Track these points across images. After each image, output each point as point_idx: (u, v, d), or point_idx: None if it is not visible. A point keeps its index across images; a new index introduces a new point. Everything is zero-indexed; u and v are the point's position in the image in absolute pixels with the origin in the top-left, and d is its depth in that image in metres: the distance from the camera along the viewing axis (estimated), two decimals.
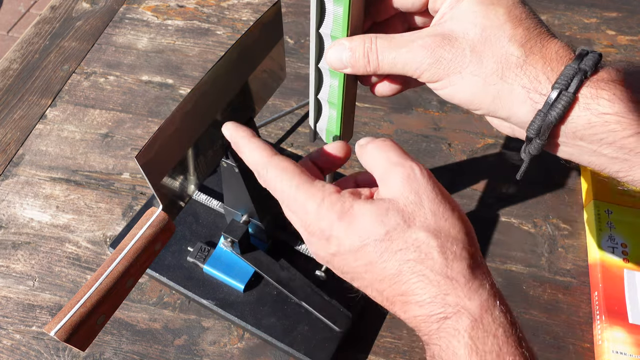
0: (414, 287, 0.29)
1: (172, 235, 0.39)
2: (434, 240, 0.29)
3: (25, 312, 0.56)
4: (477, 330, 0.28)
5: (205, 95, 0.37)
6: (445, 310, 0.29)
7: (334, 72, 0.35)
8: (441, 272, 0.29)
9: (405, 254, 0.29)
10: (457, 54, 0.30)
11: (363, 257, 0.30)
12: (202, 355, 0.53)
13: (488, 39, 0.30)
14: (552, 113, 0.29)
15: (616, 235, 0.58)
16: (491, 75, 0.30)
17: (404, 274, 0.29)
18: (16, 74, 0.77)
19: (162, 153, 0.36)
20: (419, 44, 0.31)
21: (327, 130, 0.37)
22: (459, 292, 0.29)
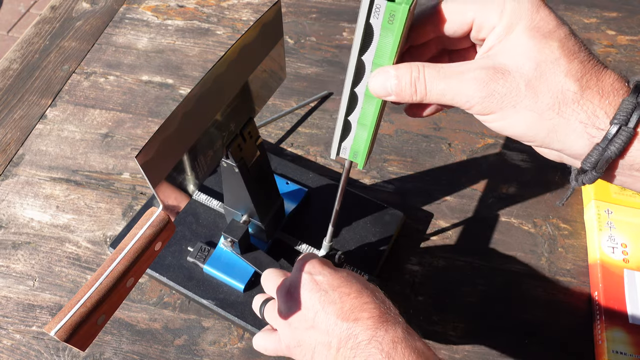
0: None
1: (172, 235, 0.39)
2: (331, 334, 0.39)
3: (25, 312, 0.56)
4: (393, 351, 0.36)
5: (205, 95, 0.37)
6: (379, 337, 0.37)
7: (370, 97, 0.35)
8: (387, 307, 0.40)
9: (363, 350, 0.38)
10: (511, 89, 0.30)
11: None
12: (202, 355, 0.53)
13: (543, 74, 0.29)
14: (611, 148, 0.29)
15: (616, 235, 0.58)
16: (547, 110, 0.29)
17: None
18: (16, 74, 0.77)
19: (162, 153, 0.35)
20: (471, 77, 0.30)
21: (352, 148, 0.38)
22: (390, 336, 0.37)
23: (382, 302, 0.39)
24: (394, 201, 0.63)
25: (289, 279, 0.44)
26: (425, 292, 0.57)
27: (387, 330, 0.37)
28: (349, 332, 0.38)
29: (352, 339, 0.38)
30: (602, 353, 0.51)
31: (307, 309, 0.41)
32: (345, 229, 0.59)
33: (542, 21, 0.30)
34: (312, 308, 0.40)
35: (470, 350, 0.53)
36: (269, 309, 0.46)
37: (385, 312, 0.38)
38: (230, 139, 0.44)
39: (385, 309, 0.39)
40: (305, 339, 0.41)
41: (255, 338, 0.46)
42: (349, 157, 0.38)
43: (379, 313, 0.38)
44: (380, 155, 0.68)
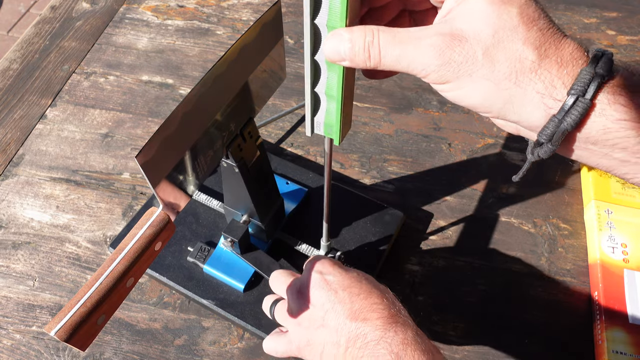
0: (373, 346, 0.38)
1: (172, 235, 0.39)
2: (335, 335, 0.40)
3: (25, 312, 0.55)
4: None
5: (205, 95, 0.37)
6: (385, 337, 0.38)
7: (331, 65, 0.33)
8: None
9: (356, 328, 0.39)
10: (468, 57, 0.29)
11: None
12: (202, 355, 0.53)
13: (501, 42, 0.28)
14: (567, 120, 0.28)
15: (616, 235, 0.58)
16: (504, 79, 0.28)
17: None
18: (16, 74, 0.77)
19: (162, 153, 0.36)
20: (427, 43, 0.29)
21: (326, 123, 0.36)
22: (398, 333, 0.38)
23: (392, 304, 0.39)
24: (394, 201, 0.63)
25: (299, 279, 0.44)
26: (425, 292, 0.57)
27: (397, 331, 0.37)
28: (357, 331, 0.38)
29: (361, 338, 0.37)
30: (602, 353, 0.51)
31: (317, 307, 0.40)
32: (345, 229, 0.59)
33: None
34: (322, 307, 0.40)
35: (470, 350, 0.53)
36: (279, 309, 0.45)
37: (395, 313, 0.38)
38: (230, 139, 0.44)
39: (395, 310, 0.39)
40: (314, 338, 0.41)
41: (265, 341, 0.46)
42: (324, 132, 0.37)
43: (388, 314, 0.38)
44: (380, 155, 0.68)
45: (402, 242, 0.60)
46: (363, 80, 0.75)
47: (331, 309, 0.40)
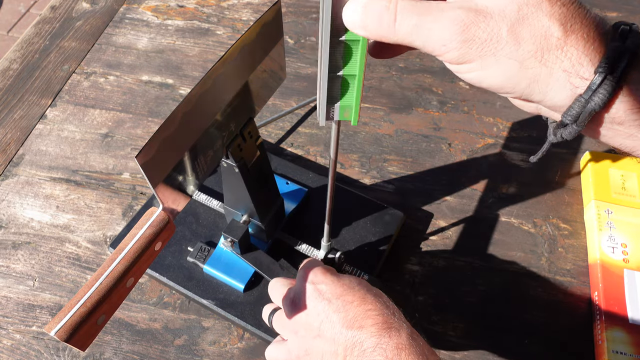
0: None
1: (172, 235, 0.39)
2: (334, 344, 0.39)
3: (25, 312, 0.55)
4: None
5: (205, 95, 0.37)
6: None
7: (353, 42, 0.32)
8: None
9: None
10: (492, 34, 0.27)
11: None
12: (202, 355, 0.53)
13: (526, 18, 0.26)
14: (594, 99, 0.26)
15: (616, 235, 0.58)
16: (529, 58, 0.27)
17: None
18: (16, 74, 0.77)
19: (162, 153, 0.36)
20: (449, 16, 0.27)
21: (342, 106, 0.35)
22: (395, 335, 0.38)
23: (385, 307, 0.39)
24: (394, 201, 0.63)
25: (293, 289, 0.44)
26: (425, 292, 0.57)
27: (391, 336, 0.37)
28: (354, 339, 0.38)
29: (358, 346, 0.37)
30: (602, 353, 0.51)
31: (312, 318, 0.41)
32: (345, 229, 0.59)
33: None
34: (317, 317, 0.40)
35: (470, 350, 0.53)
36: (277, 318, 0.46)
37: (389, 317, 0.38)
38: (230, 139, 0.44)
39: (389, 314, 0.39)
40: (312, 347, 0.41)
41: (267, 349, 0.46)
42: (339, 117, 0.36)
43: (382, 319, 0.38)
44: (380, 155, 0.68)
45: (402, 242, 0.60)
46: (363, 80, 0.75)
47: (326, 319, 0.40)
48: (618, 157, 0.64)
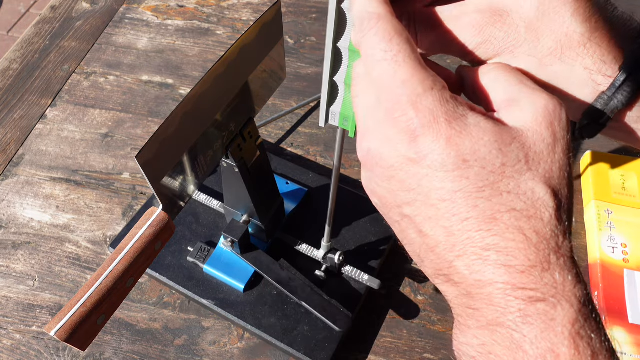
0: (507, 244, 0.22)
1: (172, 235, 0.39)
2: (552, 200, 0.23)
3: (25, 312, 0.56)
4: (582, 329, 0.21)
5: (205, 95, 0.37)
6: (540, 290, 0.22)
7: (355, 52, 0.31)
8: (548, 240, 0.22)
9: (512, 199, 0.22)
10: (510, 32, 0.26)
11: (452, 182, 0.23)
12: (202, 355, 0.53)
13: (546, 14, 0.25)
14: (618, 97, 0.25)
15: (616, 235, 0.58)
16: (548, 55, 0.26)
17: (499, 222, 0.22)
18: (16, 74, 0.77)
19: (162, 153, 0.36)
20: (465, 22, 0.27)
21: (342, 114, 0.35)
22: (565, 273, 0.22)
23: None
24: None
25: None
26: (425, 292, 0.57)
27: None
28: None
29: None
30: None
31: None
32: (345, 229, 0.59)
33: None
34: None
35: None
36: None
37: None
38: (230, 139, 0.44)
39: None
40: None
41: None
42: (339, 123, 0.35)
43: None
44: None
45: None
46: None
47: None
48: (618, 158, 0.64)
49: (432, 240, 0.24)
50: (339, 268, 0.54)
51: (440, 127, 0.23)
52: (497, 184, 0.22)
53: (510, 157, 0.23)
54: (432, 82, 0.24)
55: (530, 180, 0.23)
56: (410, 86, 0.23)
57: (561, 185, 0.23)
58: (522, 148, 0.23)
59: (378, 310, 0.56)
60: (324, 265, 0.55)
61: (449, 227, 0.23)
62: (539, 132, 0.23)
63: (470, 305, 0.23)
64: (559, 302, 0.22)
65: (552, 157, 0.23)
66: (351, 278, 0.55)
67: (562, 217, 0.23)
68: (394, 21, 0.25)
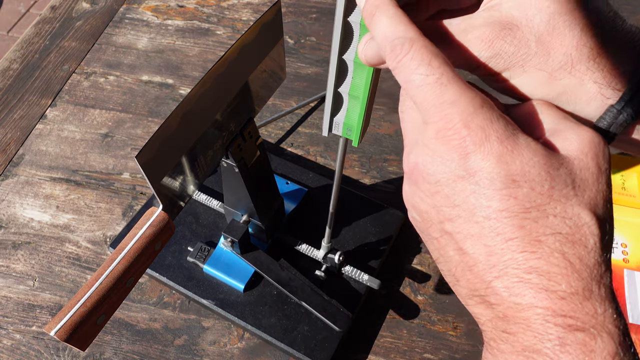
0: (551, 268, 0.22)
1: (172, 235, 0.39)
2: (597, 228, 0.23)
3: (25, 312, 0.56)
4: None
5: (205, 95, 0.37)
6: (581, 319, 0.22)
7: (360, 65, 0.32)
8: (591, 268, 0.22)
9: (557, 223, 0.22)
10: (520, 46, 0.26)
11: (499, 200, 0.23)
12: (202, 355, 0.53)
13: (557, 28, 0.25)
14: (627, 110, 0.25)
15: (616, 235, 0.58)
16: (559, 69, 0.26)
17: (544, 245, 0.22)
18: (16, 74, 0.77)
19: (162, 153, 0.36)
20: (474, 36, 0.26)
21: (345, 124, 0.35)
22: (607, 304, 0.22)
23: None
24: (394, 201, 0.63)
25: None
26: (425, 292, 0.57)
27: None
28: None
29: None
30: None
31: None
32: (345, 229, 0.59)
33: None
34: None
35: (470, 350, 0.53)
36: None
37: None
38: (230, 139, 0.44)
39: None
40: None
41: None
42: (342, 133, 0.36)
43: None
44: (380, 155, 0.68)
45: (402, 242, 0.60)
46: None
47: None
48: (618, 158, 0.64)
49: (471, 259, 0.24)
50: (339, 268, 0.54)
51: (492, 145, 0.23)
52: (544, 206, 0.23)
53: (558, 181, 0.23)
54: (481, 100, 0.24)
55: (577, 206, 0.23)
56: (460, 105, 0.24)
57: (605, 215, 0.23)
58: (569, 174, 0.23)
59: (378, 310, 0.56)
60: (324, 265, 0.55)
61: (492, 246, 0.23)
62: (585, 161, 0.24)
63: (506, 329, 0.23)
64: (599, 334, 0.21)
65: (597, 187, 0.23)
66: (351, 278, 0.55)
67: (605, 246, 0.23)
68: (428, 43, 0.25)
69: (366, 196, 0.61)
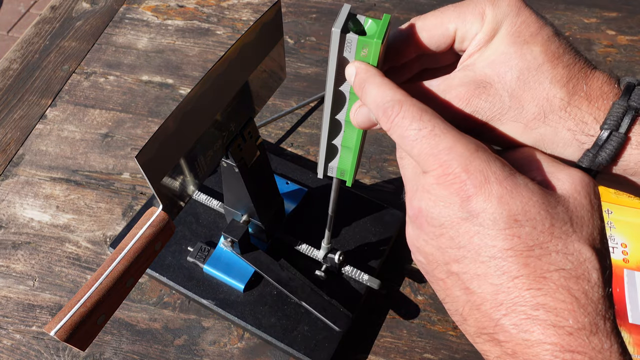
0: (557, 304, 0.23)
1: (172, 235, 0.39)
2: (597, 262, 0.24)
3: (25, 312, 0.55)
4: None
5: (205, 95, 0.37)
6: (588, 353, 0.22)
7: (350, 123, 0.34)
8: (596, 303, 0.23)
9: (560, 259, 0.23)
10: (494, 102, 0.28)
11: (504, 240, 0.24)
12: (202, 355, 0.53)
13: (527, 83, 0.27)
14: (602, 154, 0.27)
15: (616, 235, 0.58)
16: (533, 120, 0.28)
17: (549, 281, 0.23)
18: (16, 74, 0.77)
19: (162, 153, 0.36)
20: (452, 96, 0.28)
21: (339, 168, 0.38)
22: (612, 339, 0.23)
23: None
24: (394, 201, 0.63)
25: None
26: (425, 292, 0.57)
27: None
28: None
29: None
30: None
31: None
32: (345, 229, 0.59)
33: (523, 25, 0.28)
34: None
35: (470, 350, 0.53)
36: None
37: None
38: (230, 139, 0.44)
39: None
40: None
41: None
42: (337, 175, 0.38)
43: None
44: (380, 155, 0.68)
45: (402, 242, 0.60)
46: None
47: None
48: None
49: (478, 298, 0.25)
50: (339, 268, 0.54)
51: (492, 186, 0.24)
52: (546, 243, 0.24)
53: (557, 219, 0.24)
54: (475, 145, 0.25)
55: (577, 242, 0.24)
56: (457, 151, 0.25)
57: (603, 249, 0.25)
58: (566, 212, 0.24)
59: (378, 310, 0.56)
60: (324, 265, 0.55)
61: (499, 284, 0.24)
62: (579, 199, 0.25)
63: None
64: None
65: (593, 223, 0.25)
66: (351, 278, 0.55)
67: (607, 280, 0.24)
68: (415, 101, 0.27)
69: (366, 196, 0.61)
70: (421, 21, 0.30)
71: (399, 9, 0.86)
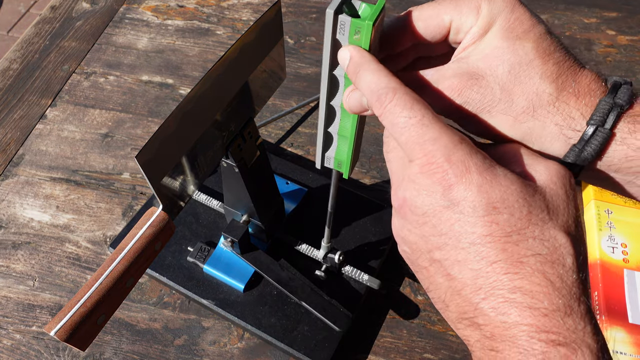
0: (533, 287, 0.24)
1: (172, 235, 0.39)
2: (572, 247, 0.25)
3: (25, 312, 0.56)
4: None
5: (205, 95, 0.37)
6: (562, 334, 0.23)
7: (345, 110, 0.35)
8: (570, 286, 0.24)
9: (537, 245, 0.24)
10: (485, 94, 0.29)
11: (482, 226, 0.25)
12: (202, 355, 0.53)
13: (518, 77, 0.29)
14: (587, 149, 0.28)
15: (616, 235, 0.58)
16: (522, 113, 0.29)
17: (526, 266, 0.24)
18: (16, 74, 0.77)
19: (162, 153, 0.36)
20: (445, 86, 0.29)
21: (336, 159, 0.38)
22: (586, 320, 0.24)
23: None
24: None
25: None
26: (425, 292, 0.57)
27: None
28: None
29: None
30: None
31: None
32: (345, 229, 0.59)
33: (517, 21, 0.29)
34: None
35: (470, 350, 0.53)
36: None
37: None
38: (230, 139, 0.44)
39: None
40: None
41: None
42: (334, 166, 0.39)
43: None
44: (380, 155, 0.68)
45: None
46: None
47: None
48: None
49: (459, 283, 0.26)
50: (339, 268, 0.54)
51: (472, 176, 0.25)
52: (523, 230, 0.25)
53: (534, 207, 0.25)
54: (459, 138, 0.27)
55: (553, 229, 0.25)
56: (442, 142, 0.26)
57: (578, 236, 0.26)
58: (543, 200, 0.26)
59: (378, 310, 0.56)
60: (324, 265, 0.55)
61: (478, 269, 0.25)
62: (555, 190, 0.26)
63: (493, 347, 0.25)
64: (579, 348, 0.23)
65: (568, 211, 0.26)
66: (351, 278, 0.55)
67: (581, 265, 0.25)
68: (409, 90, 0.28)
69: (366, 196, 0.61)
70: (418, 11, 0.31)
71: (399, 9, 0.86)
